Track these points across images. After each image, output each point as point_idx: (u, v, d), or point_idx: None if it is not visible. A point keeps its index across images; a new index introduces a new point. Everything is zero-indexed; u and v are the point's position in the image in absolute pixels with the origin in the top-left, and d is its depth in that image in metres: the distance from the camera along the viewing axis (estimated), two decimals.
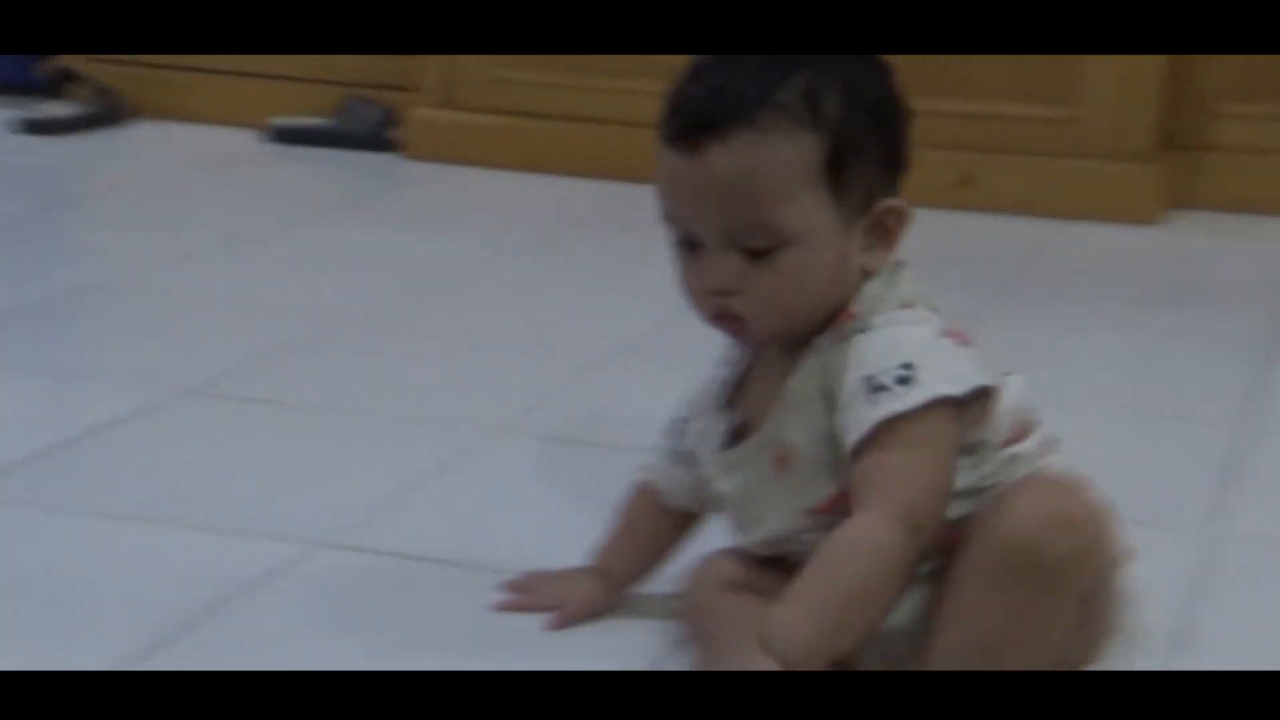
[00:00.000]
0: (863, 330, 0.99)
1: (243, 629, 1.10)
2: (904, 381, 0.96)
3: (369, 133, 2.51)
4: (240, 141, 2.57)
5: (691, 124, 0.98)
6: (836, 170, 0.98)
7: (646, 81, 2.34)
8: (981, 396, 0.98)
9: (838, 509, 0.99)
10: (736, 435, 1.04)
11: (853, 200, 0.99)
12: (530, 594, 1.14)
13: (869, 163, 1.00)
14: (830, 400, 0.98)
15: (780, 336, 1.01)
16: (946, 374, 0.97)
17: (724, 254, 0.98)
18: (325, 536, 1.24)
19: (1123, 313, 1.93)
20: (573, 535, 1.18)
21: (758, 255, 0.98)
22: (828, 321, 1.00)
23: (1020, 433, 1.02)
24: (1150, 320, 1.91)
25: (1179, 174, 2.29)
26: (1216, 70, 2.29)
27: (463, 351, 1.69)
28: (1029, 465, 1.01)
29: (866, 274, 1.00)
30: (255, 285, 1.90)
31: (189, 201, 2.27)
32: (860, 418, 0.96)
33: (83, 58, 2.64)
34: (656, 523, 1.13)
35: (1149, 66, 2.22)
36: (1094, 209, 2.24)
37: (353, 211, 2.30)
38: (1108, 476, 1.35)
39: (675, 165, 0.99)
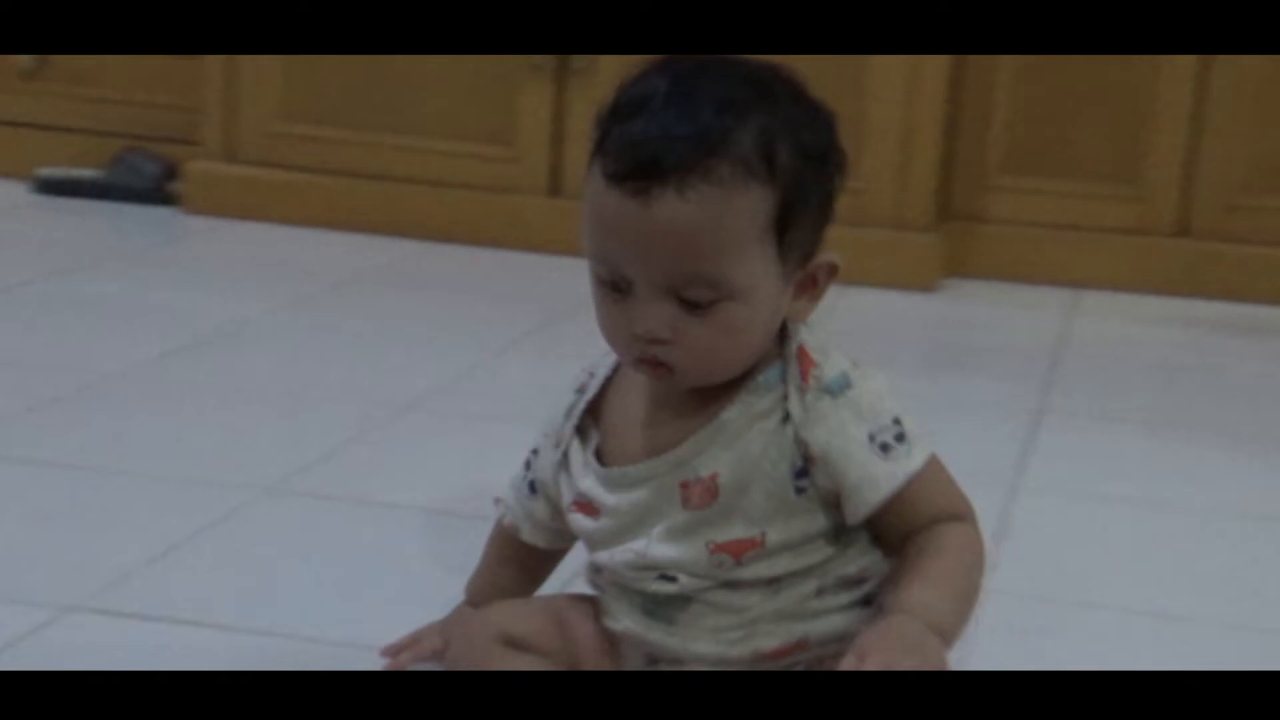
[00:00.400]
0: (837, 382, 0.97)
1: None
2: (901, 439, 0.97)
3: (146, 186, 2.44)
4: (4, 192, 2.49)
5: (642, 168, 0.92)
6: (784, 225, 0.95)
7: (426, 139, 2.35)
8: None
9: (739, 552, 0.96)
10: (600, 457, 1.00)
11: (795, 255, 0.97)
12: (413, 647, 1.10)
13: (811, 216, 0.97)
14: (795, 448, 0.96)
15: (706, 383, 0.97)
16: (919, 430, 0.98)
17: (658, 301, 0.93)
18: (77, 600, 1.16)
19: (900, 376, 1.92)
20: (346, 593, 1.13)
21: (695, 306, 0.94)
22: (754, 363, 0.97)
23: None
24: (928, 384, 1.91)
25: (954, 243, 2.34)
26: (990, 146, 2.35)
27: (235, 409, 1.63)
28: None
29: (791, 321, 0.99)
30: (16, 339, 1.83)
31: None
32: (885, 473, 0.96)
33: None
34: (520, 558, 1.09)
35: (927, 141, 2.27)
36: (876, 275, 2.25)
37: (126, 266, 2.22)
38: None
39: (617, 206, 0.93)
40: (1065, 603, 1.35)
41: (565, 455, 1.02)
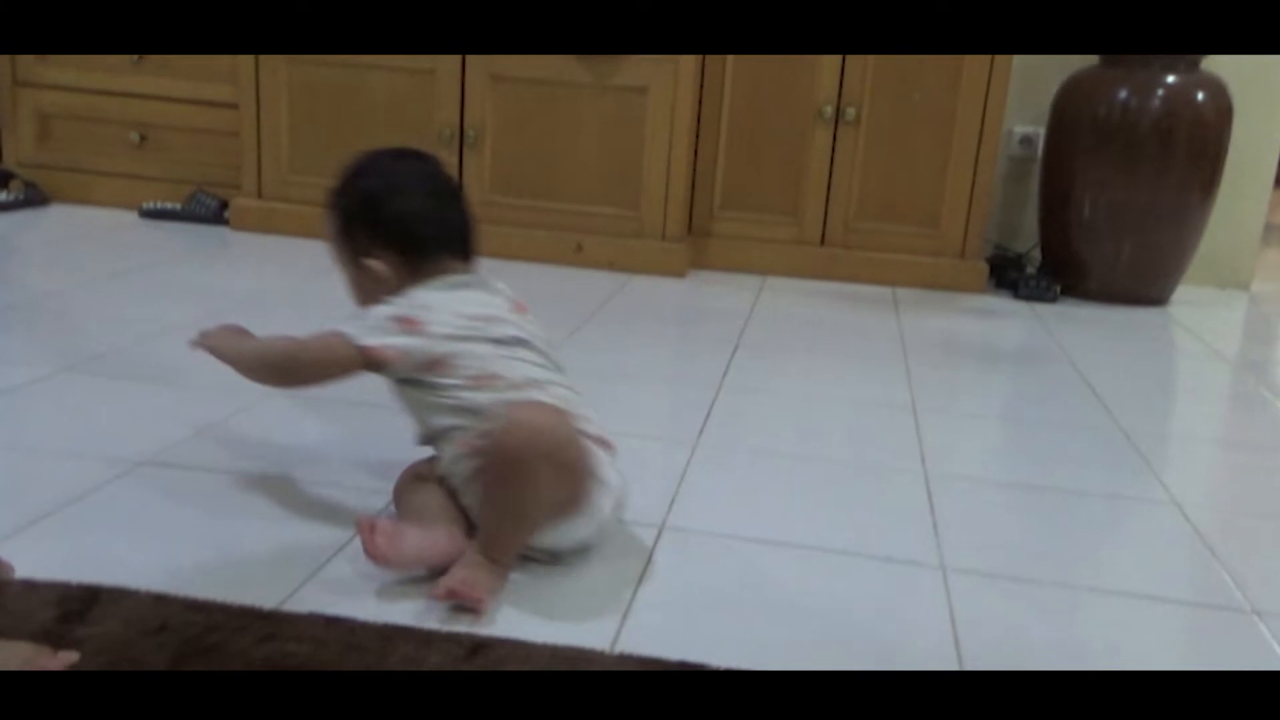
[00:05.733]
0: None
1: None
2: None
3: (209, 214, 2.44)
4: (122, 218, 2.47)
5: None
6: (347, 233, 1.07)
7: None
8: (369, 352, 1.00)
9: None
10: None
11: (353, 251, 1.07)
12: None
13: (359, 231, 1.06)
14: None
15: None
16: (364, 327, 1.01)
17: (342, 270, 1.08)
18: None
19: (662, 326, 1.93)
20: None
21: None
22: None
23: (484, 381, 0.99)
24: (677, 330, 1.92)
25: (696, 248, 2.36)
26: (714, 189, 2.36)
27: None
28: (504, 399, 0.97)
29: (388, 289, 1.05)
30: (124, 306, 1.79)
31: (85, 253, 2.15)
32: None
33: (16, 163, 2.50)
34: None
35: (680, 185, 2.26)
36: (650, 268, 2.29)
37: (195, 260, 2.17)
38: (646, 410, 1.44)
39: None
40: (767, 453, 1.30)
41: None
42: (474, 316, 1.03)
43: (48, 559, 0.96)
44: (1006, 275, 2.41)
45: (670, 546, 1.07)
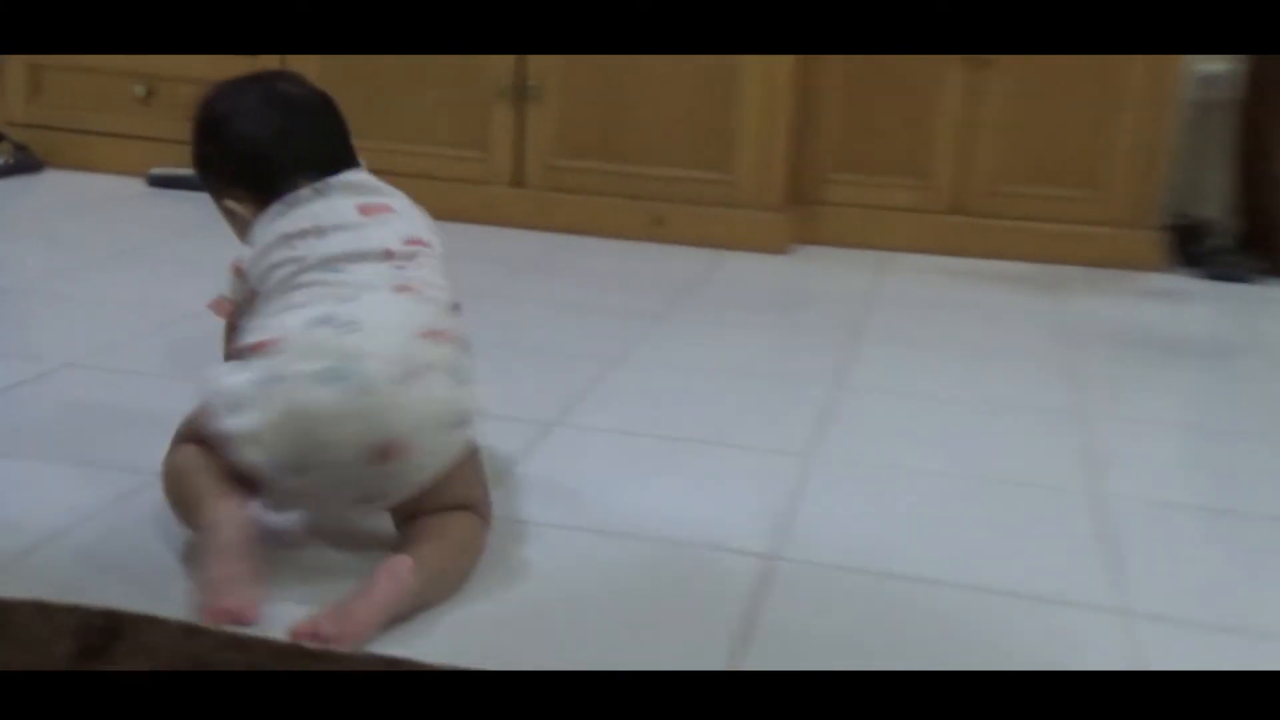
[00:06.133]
0: None
1: None
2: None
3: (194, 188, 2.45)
4: (127, 185, 2.47)
5: None
6: (204, 177, 1.14)
7: (425, 146, 2.35)
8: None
9: None
10: None
11: (214, 194, 1.14)
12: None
13: (211, 173, 1.13)
14: None
15: None
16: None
17: None
18: None
19: (762, 314, 1.91)
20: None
21: None
22: None
23: (257, 348, 0.99)
24: (780, 318, 1.89)
25: (801, 219, 2.31)
26: (823, 148, 2.30)
27: None
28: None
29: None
30: (131, 289, 1.80)
31: (86, 227, 2.17)
32: None
33: (5, 123, 2.53)
34: None
35: (779, 144, 2.21)
36: (744, 243, 2.24)
37: (211, 235, 2.14)
38: (745, 415, 1.42)
39: None
40: (897, 468, 1.30)
41: None
42: (283, 236, 1.06)
43: (61, 580, 0.97)
44: (1189, 249, 2.33)
45: (779, 584, 1.04)
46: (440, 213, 2.34)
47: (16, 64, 2.56)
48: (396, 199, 1.13)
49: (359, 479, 0.96)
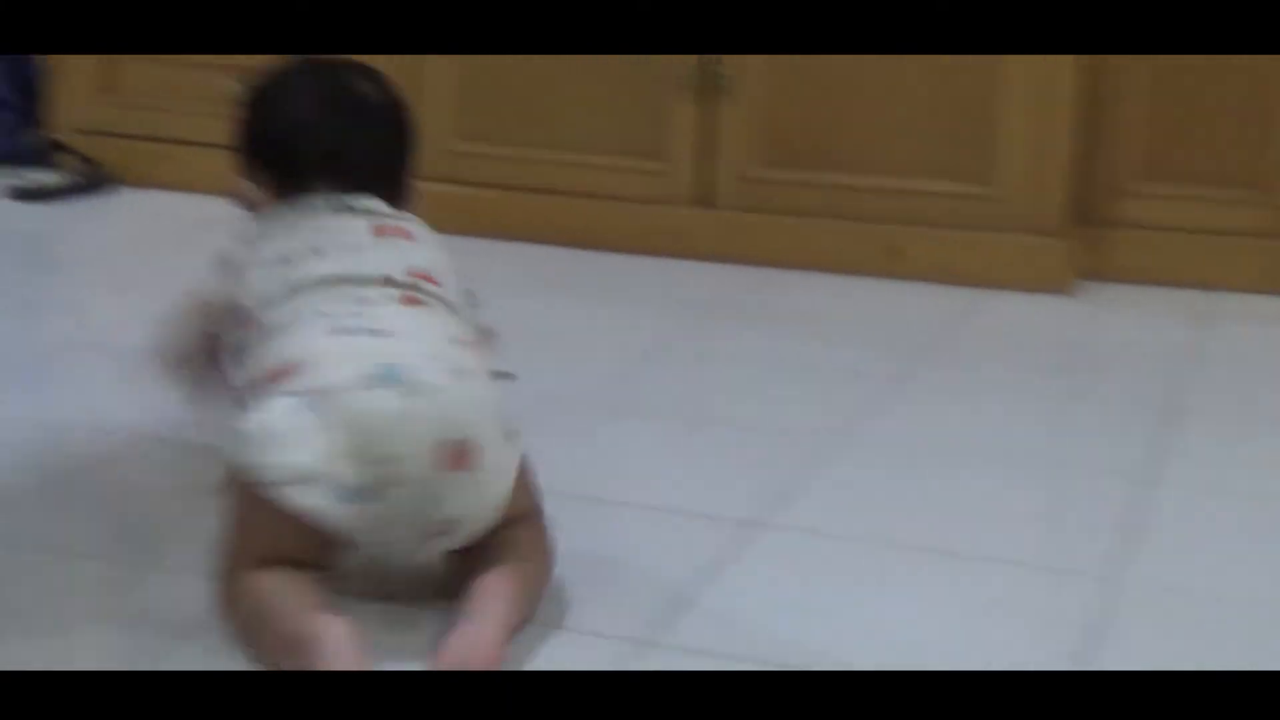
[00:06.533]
0: None
1: None
2: None
3: None
4: (213, 207, 2.47)
5: None
6: (236, 150, 1.27)
7: (585, 155, 2.29)
8: None
9: None
10: None
11: (239, 170, 1.26)
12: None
13: (242, 147, 1.25)
14: None
15: None
16: None
17: None
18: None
19: (1035, 375, 1.85)
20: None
21: None
22: None
23: (278, 375, 1.05)
24: (1059, 383, 1.84)
25: (1089, 247, 2.22)
26: (1122, 151, 2.23)
27: None
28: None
29: None
30: None
31: (164, 263, 2.14)
32: None
33: (69, 129, 2.57)
34: None
35: (1059, 147, 2.16)
36: (1008, 279, 2.18)
37: None
38: (1017, 525, 1.40)
39: None
40: (1232, 600, 1.26)
41: None
42: (282, 257, 1.15)
43: None
44: None
45: None
46: (605, 240, 2.32)
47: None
48: (416, 225, 1.23)
49: (432, 498, 1.02)
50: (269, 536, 0.98)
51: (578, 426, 1.55)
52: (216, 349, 1.20)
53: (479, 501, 1.02)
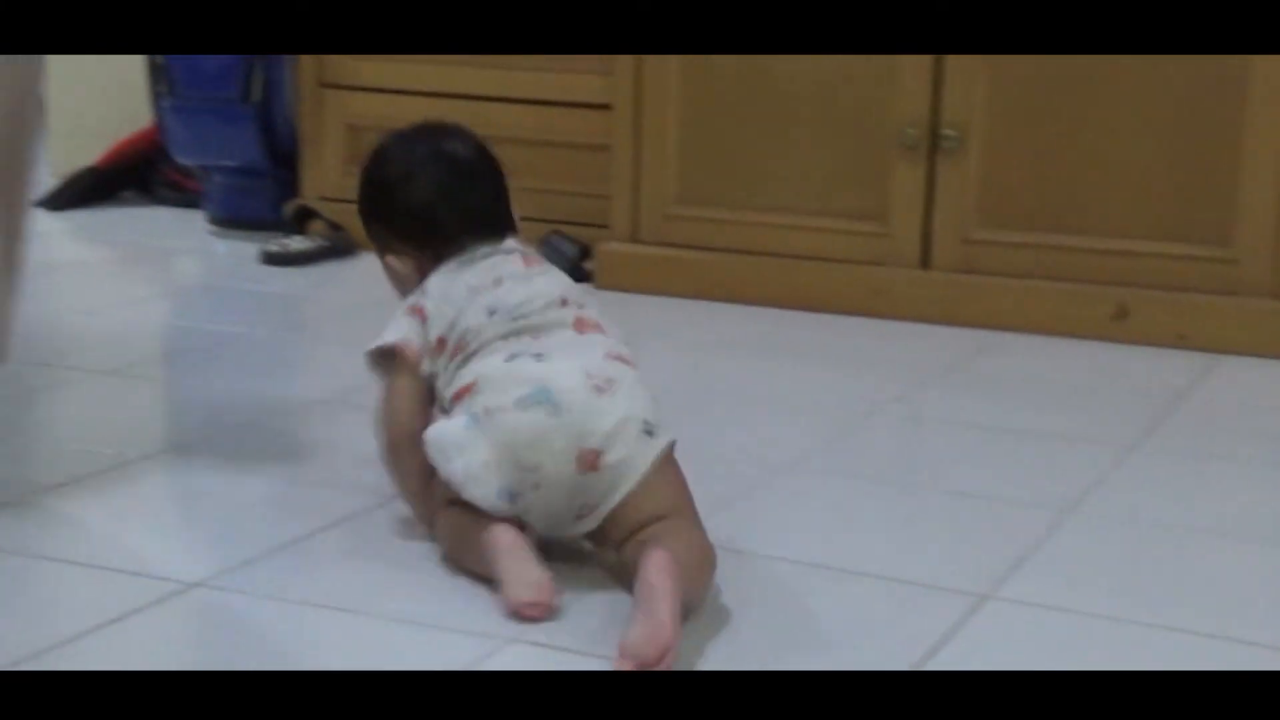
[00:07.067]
0: None
1: None
2: None
3: (566, 264, 2.42)
4: None
5: None
6: (370, 231, 1.43)
7: (804, 218, 2.26)
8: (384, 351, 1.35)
9: None
10: None
11: (378, 249, 1.42)
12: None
13: (377, 228, 1.42)
14: None
15: None
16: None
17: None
18: None
19: (1276, 446, 1.73)
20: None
21: None
22: None
23: (462, 394, 1.26)
24: None
25: None
26: None
27: None
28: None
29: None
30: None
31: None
32: None
33: (317, 197, 2.64)
34: None
35: None
36: (1247, 344, 2.07)
37: None
38: (1258, 605, 1.25)
39: None
40: None
41: None
42: (471, 289, 1.33)
43: None
44: None
45: None
46: (823, 302, 2.30)
47: (334, 123, 2.65)
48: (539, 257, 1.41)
49: (571, 492, 1.22)
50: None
51: (794, 489, 1.51)
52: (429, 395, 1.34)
53: (610, 493, 1.21)
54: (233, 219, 2.70)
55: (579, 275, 2.42)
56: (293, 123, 2.66)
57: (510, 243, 1.38)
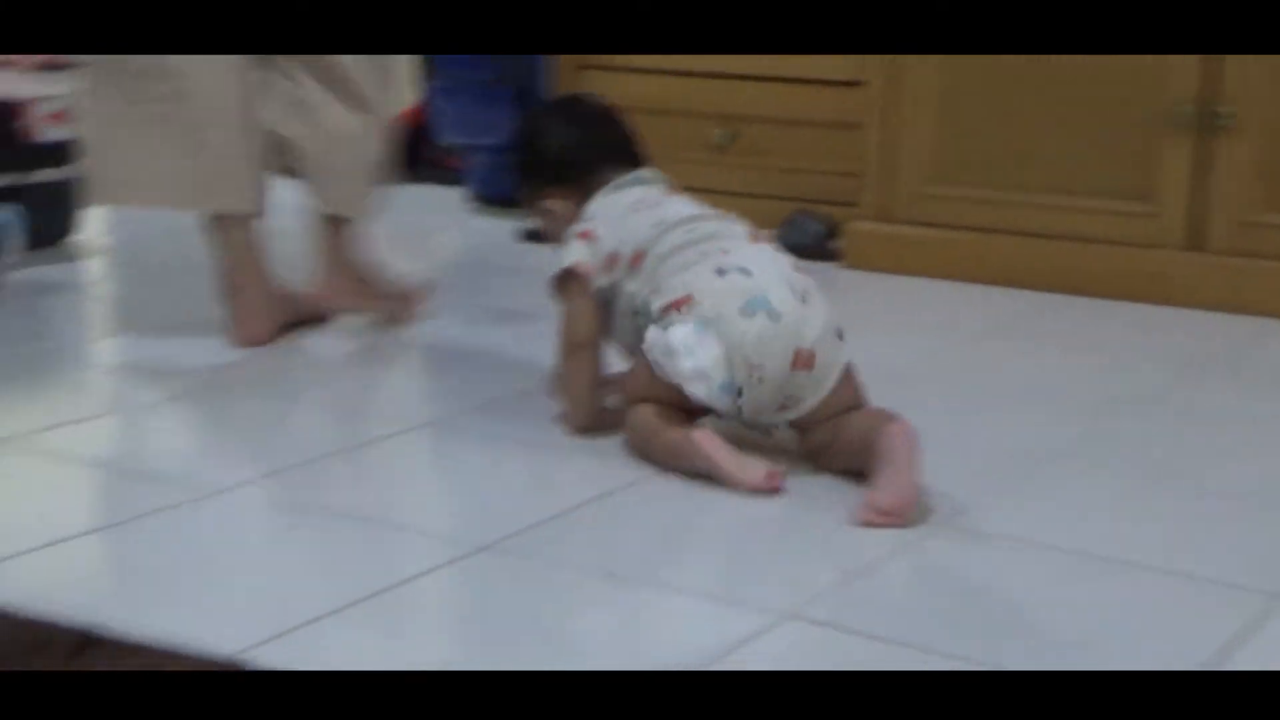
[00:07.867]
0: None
1: None
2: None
3: (811, 243, 2.39)
4: None
5: None
6: (524, 186, 1.62)
7: (1067, 197, 2.17)
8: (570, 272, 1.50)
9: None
10: None
11: (532, 200, 1.61)
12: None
13: (529, 181, 1.61)
14: None
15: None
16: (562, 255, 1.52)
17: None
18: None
19: None
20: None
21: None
22: None
23: (679, 304, 1.40)
24: None
25: None
26: None
27: None
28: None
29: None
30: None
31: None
32: None
33: None
34: None
35: None
36: None
37: None
38: None
39: None
40: None
41: None
42: (630, 207, 1.50)
43: None
44: None
45: None
46: (1086, 285, 2.20)
47: None
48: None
49: (781, 386, 1.39)
50: (665, 397, 1.41)
51: (1060, 480, 1.44)
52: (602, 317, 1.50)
53: (816, 387, 1.39)
54: (493, 197, 2.75)
55: (825, 254, 2.39)
56: None
57: (646, 171, 1.57)
